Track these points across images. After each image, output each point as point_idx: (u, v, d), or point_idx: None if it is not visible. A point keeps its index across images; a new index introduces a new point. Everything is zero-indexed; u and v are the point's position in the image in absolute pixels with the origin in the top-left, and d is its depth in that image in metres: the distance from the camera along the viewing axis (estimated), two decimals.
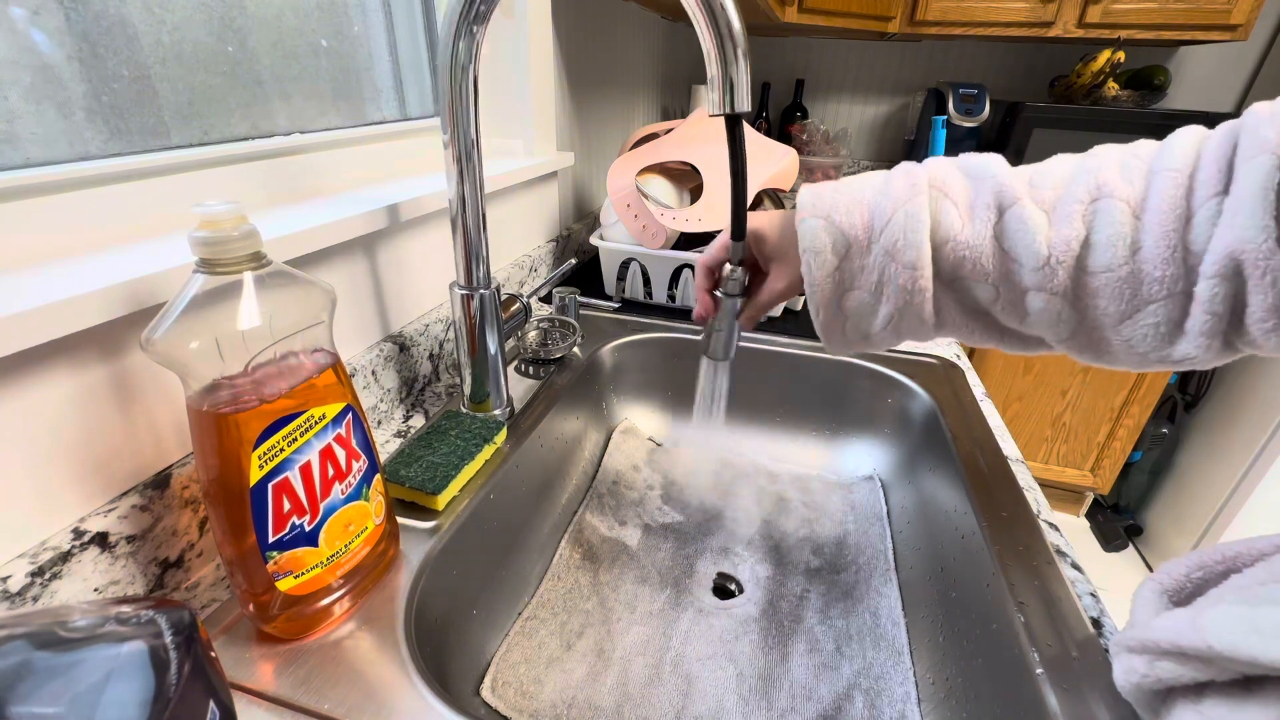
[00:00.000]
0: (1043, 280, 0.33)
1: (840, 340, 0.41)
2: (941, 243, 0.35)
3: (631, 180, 0.79)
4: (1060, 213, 0.33)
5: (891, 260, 0.35)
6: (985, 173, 0.35)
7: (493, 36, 0.78)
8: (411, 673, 0.35)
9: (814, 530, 0.63)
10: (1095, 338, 0.34)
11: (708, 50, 0.35)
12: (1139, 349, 0.33)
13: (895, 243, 0.35)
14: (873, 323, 0.38)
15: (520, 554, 0.56)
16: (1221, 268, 0.28)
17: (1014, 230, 0.33)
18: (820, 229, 0.37)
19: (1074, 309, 0.33)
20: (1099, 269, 0.31)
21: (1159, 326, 0.31)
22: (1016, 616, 0.40)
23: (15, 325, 0.29)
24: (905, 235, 0.35)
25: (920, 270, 0.35)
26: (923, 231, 0.35)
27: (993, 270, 0.34)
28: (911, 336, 0.39)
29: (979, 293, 0.35)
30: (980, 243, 0.34)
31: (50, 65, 0.39)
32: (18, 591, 0.31)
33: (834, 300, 0.38)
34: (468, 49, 0.43)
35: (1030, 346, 0.38)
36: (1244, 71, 1.70)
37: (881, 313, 0.38)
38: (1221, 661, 0.24)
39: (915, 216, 0.35)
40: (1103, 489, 1.81)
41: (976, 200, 0.35)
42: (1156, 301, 0.31)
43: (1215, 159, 0.29)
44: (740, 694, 0.47)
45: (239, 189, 0.50)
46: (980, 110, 1.59)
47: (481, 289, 0.52)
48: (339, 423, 0.35)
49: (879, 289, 0.37)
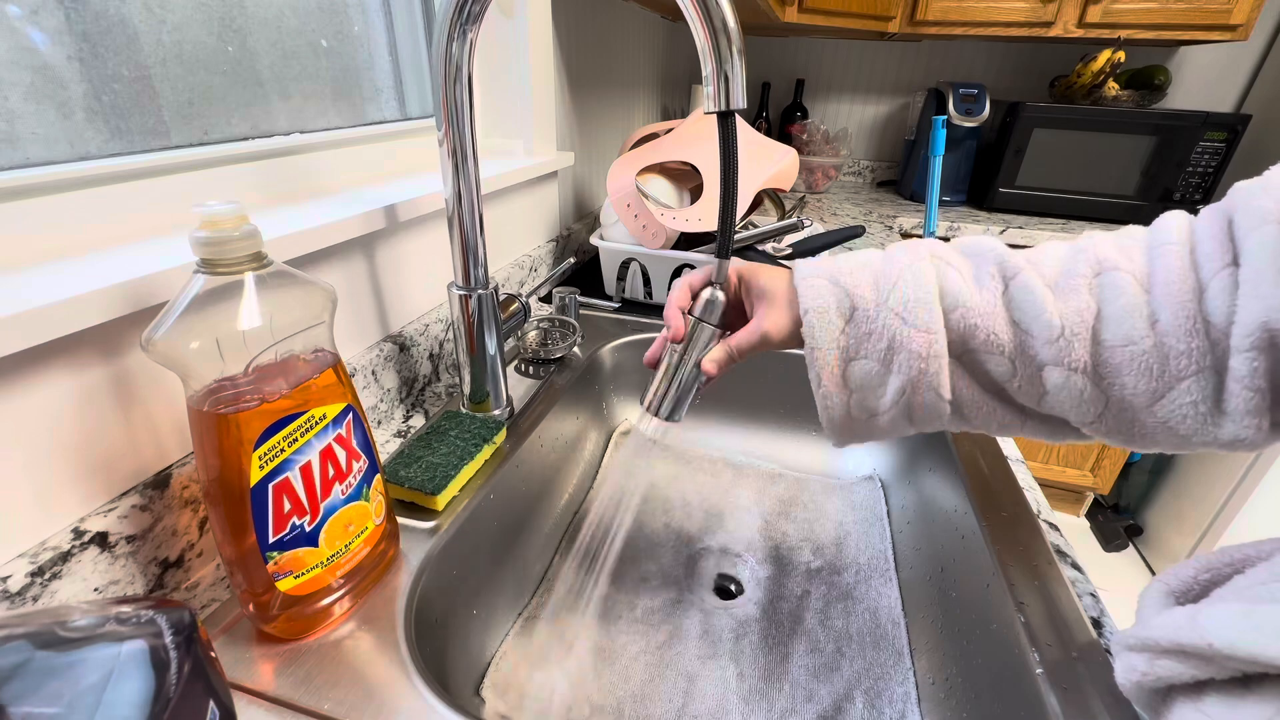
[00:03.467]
0: (1059, 354, 0.31)
1: (844, 420, 0.37)
2: (951, 308, 0.33)
3: (631, 180, 0.79)
4: (1064, 286, 0.32)
5: (903, 323, 0.33)
6: (983, 249, 0.34)
7: (493, 36, 0.78)
8: (411, 673, 0.35)
9: (814, 530, 0.63)
10: (1126, 419, 0.32)
11: (702, 46, 0.34)
12: (1180, 430, 0.30)
13: (905, 303, 0.33)
14: (881, 398, 0.35)
15: (520, 554, 0.56)
16: (1256, 340, 0.27)
17: (1022, 300, 0.32)
18: (824, 288, 0.35)
19: (1098, 388, 0.31)
20: (1118, 342, 0.30)
21: (1197, 406, 0.29)
22: (1016, 616, 0.40)
23: (15, 325, 0.29)
24: (917, 296, 0.33)
25: (934, 333, 0.33)
26: (932, 292, 0.33)
27: (1007, 342, 0.32)
28: (924, 420, 0.36)
29: (993, 367, 0.33)
30: (991, 310, 0.32)
31: (50, 65, 0.39)
32: (18, 591, 0.31)
33: (839, 370, 0.35)
34: (461, 48, 0.43)
35: (1057, 432, 0.35)
36: (1244, 71, 1.70)
37: (892, 386, 0.34)
38: (1221, 659, 0.24)
39: (922, 276, 0.33)
40: (1103, 489, 1.81)
41: (980, 271, 0.34)
42: (1188, 378, 0.29)
43: (1212, 235, 0.29)
44: (740, 694, 0.47)
45: (239, 189, 0.50)
46: (980, 110, 1.59)
47: (479, 289, 0.52)
48: (339, 423, 0.35)
49: (889, 357, 0.34)
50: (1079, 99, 1.59)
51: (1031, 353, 0.32)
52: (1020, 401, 0.34)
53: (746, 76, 0.36)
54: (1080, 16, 1.47)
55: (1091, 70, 1.52)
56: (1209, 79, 1.72)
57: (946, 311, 0.33)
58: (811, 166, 1.80)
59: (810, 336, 0.35)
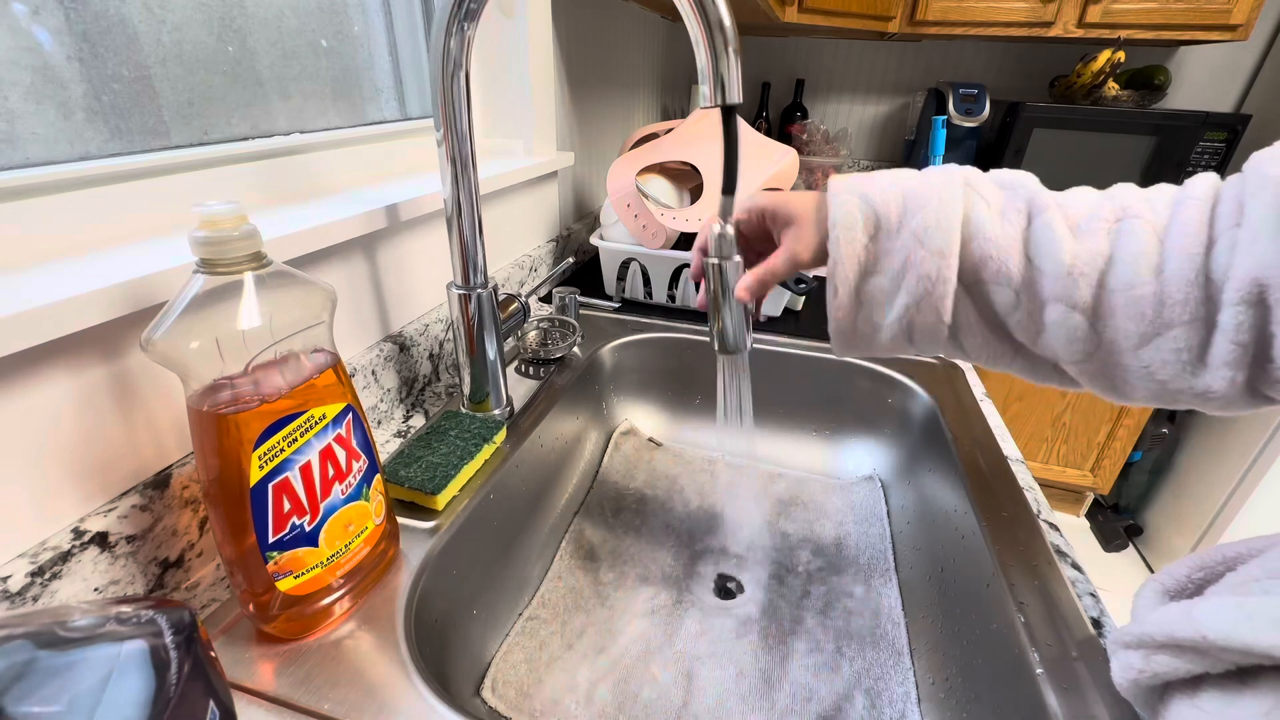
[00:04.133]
0: (1063, 291, 0.32)
1: (850, 332, 0.39)
2: (969, 238, 0.34)
3: (631, 180, 0.79)
4: (1085, 229, 0.33)
5: (920, 245, 0.34)
6: (1018, 184, 0.36)
7: (493, 36, 0.78)
8: (411, 673, 0.35)
9: (814, 530, 0.63)
10: (1111, 362, 0.33)
11: (697, 40, 0.35)
12: (1159, 375, 0.32)
13: (926, 228, 0.34)
14: (887, 313, 0.37)
15: (520, 554, 0.56)
16: (1246, 294, 0.28)
17: (1041, 238, 0.33)
18: (855, 205, 0.36)
19: (1093, 328, 0.33)
20: (1121, 286, 0.31)
21: (1181, 353, 0.30)
22: (1016, 616, 0.40)
23: (15, 325, 0.29)
24: (938, 221, 0.34)
25: (947, 259, 0.34)
26: (955, 220, 0.34)
27: (1016, 275, 0.34)
28: (923, 339, 0.37)
29: (998, 297, 0.35)
30: (1008, 244, 0.34)
31: (50, 65, 0.39)
32: (18, 591, 0.31)
33: (855, 284, 0.37)
34: (459, 46, 0.43)
35: (1040, 371, 0.37)
36: (1244, 71, 1.70)
37: (898, 303, 0.36)
38: (1216, 651, 0.24)
39: (950, 204, 0.34)
40: (1103, 489, 1.81)
41: (1008, 205, 0.35)
42: (1179, 326, 0.30)
43: (1233, 195, 0.30)
44: (741, 694, 0.47)
45: (239, 189, 0.50)
46: (980, 110, 1.59)
47: (479, 289, 0.52)
48: (339, 423, 0.35)
49: (901, 275, 0.35)
50: (1079, 99, 1.59)
51: (1038, 289, 0.33)
52: (1017, 336, 0.36)
53: (746, 76, 0.36)
54: (1080, 16, 1.47)
55: (1091, 70, 1.52)
56: (1209, 79, 1.72)
57: (965, 240, 0.34)
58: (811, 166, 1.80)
59: (835, 250, 0.36)
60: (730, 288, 0.42)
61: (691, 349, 0.78)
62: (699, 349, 0.78)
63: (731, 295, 0.42)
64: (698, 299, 0.45)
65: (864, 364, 0.72)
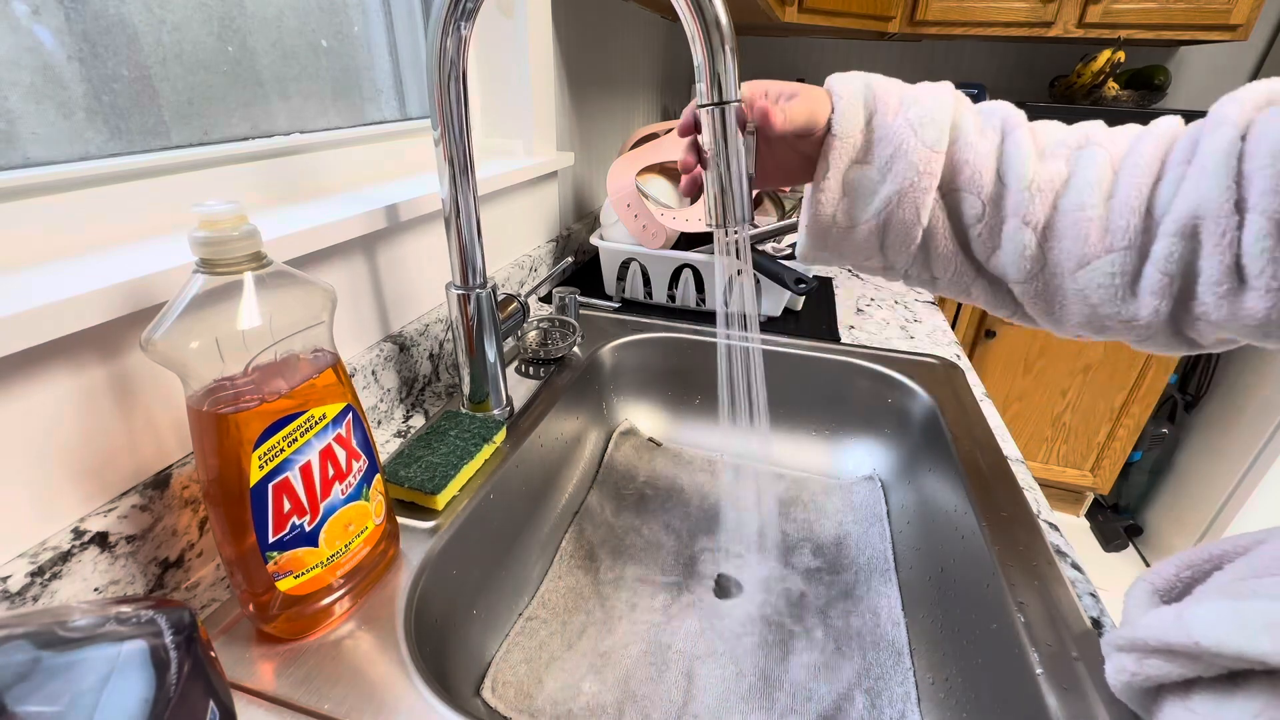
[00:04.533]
0: (1020, 204, 0.34)
1: (826, 225, 0.39)
2: (953, 141, 0.36)
3: (631, 180, 0.79)
4: (1049, 153, 0.35)
5: (913, 134, 0.35)
6: (995, 108, 0.38)
7: (493, 36, 0.78)
8: (411, 673, 0.35)
9: (814, 530, 0.63)
10: (1052, 285, 0.35)
11: (693, 37, 0.35)
12: (1092, 298, 0.34)
13: (921, 119, 0.35)
14: (869, 206, 0.37)
15: (520, 554, 0.56)
16: (1181, 226, 0.29)
17: (1010, 153, 0.35)
18: (858, 85, 0.37)
19: (1040, 247, 0.34)
20: (1071, 207, 0.33)
21: (1114, 277, 0.32)
22: (1016, 616, 0.40)
23: (15, 325, 0.29)
24: (933, 116, 0.35)
25: (937, 153, 0.35)
26: (948, 119, 0.36)
27: (988, 185, 0.35)
28: (895, 242, 0.38)
29: (968, 208, 0.36)
30: (985, 152, 0.35)
31: (50, 65, 0.39)
32: (18, 591, 0.31)
33: (844, 167, 0.37)
34: (456, 46, 0.43)
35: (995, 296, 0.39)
36: (1244, 71, 1.70)
37: (882, 193, 0.37)
38: (1208, 657, 0.24)
39: (944, 105, 0.36)
40: (1103, 489, 1.81)
41: (985, 122, 0.37)
42: (1115, 251, 0.32)
43: (1191, 135, 0.31)
44: (740, 694, 0.47)
45: (239, 189, 0.50)
46: None
47: (478, 289, 0.52)
48: (339, 423, 0.35)
49: (889, 163, 0.36)
50: (1079, 99, 1.59)
51: (1002, 203, 0.35)
52: (975, 252, 0.37)
53: (746, 77, 0.37)
54: (1080, 16, 1.47)
55: (1091, 70, 1.52)
56: (1209, 79, 1.72)
57: (950, 141, 0.36)
58: None
59: (838, 124, 0.37)
60: (733, 132, 0.37)
61: (692, 349, 0.78)
62: (699, 349, 0.78)
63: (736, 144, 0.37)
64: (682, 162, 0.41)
65: (864, 364, 0.72)
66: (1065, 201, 0.33)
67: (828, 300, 0.92)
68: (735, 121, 0.36)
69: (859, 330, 0.82)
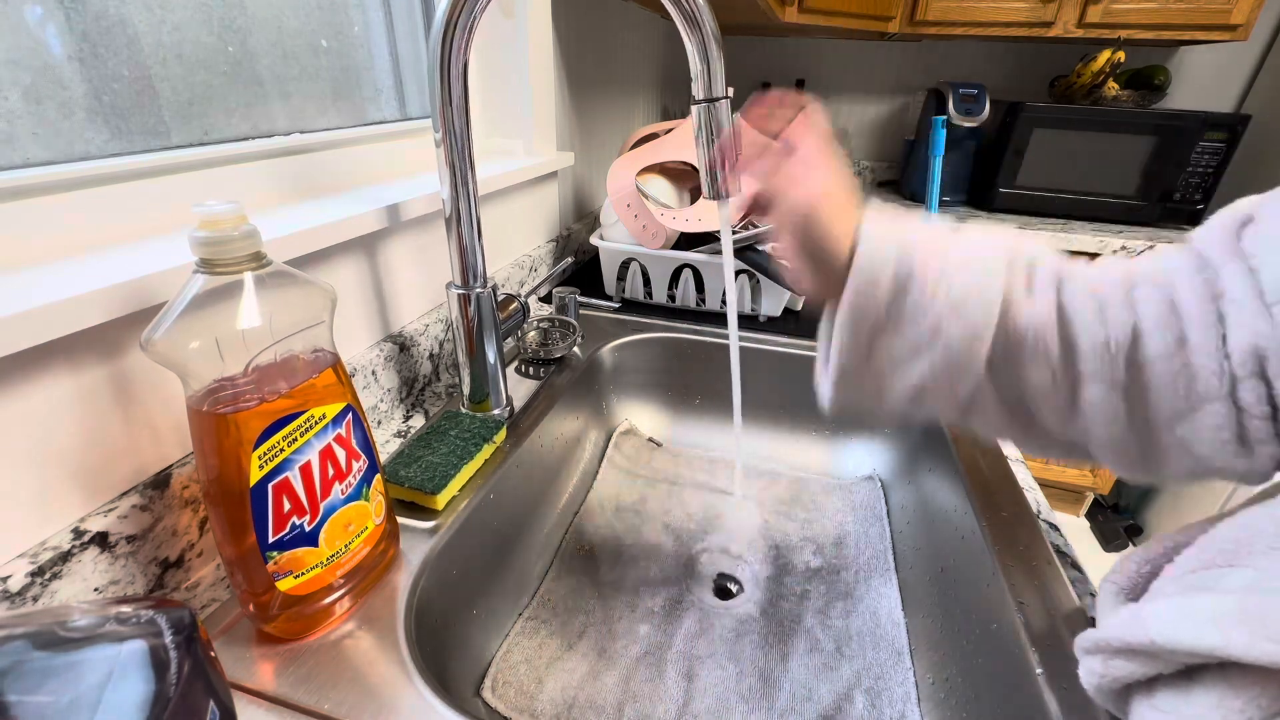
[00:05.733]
0: (1100, 368, 0.30)
1: (853, 391, 0.34)
2: (1005, 309, 0.31)
3: (631, 180, 0.79)
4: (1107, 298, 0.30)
5: (955, 315, 0.31)
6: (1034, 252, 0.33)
7: (493, 36, 0.78)
8: (411, 673, 0.35)
9: (814, 530, 0.63)
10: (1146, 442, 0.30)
11: (683, 32, 0.39)
12: (1197, 450, 0.29)
13: (966, 294, 0.30)
14: (899, 379, 0.33)
15: (520, 554, 0.56)
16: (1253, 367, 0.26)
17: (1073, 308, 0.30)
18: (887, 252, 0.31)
19: (1128, 404, 0.30)
20: (1153, 357, 0.29)
21: (1220, 430, 0.28)
22: (1016, 616, 0.40)
23: (15, 325, 0.29)
24: (980, 290, 0.30)
25: (982, 340, 0.31)
26: (997, 289, 0.30)
27: (1055, 351, 0.30)
28: (927, 411, 0.34)
29: (1033, 377, 0.31)
30: (1047, 316, 0.30)
31: (50, 65, 0.39)
32: (18, 591, 0.31)
33: (866, 342, 0.32)
34: (458, 48, 0.43)
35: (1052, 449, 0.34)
36: (1244, 71, 1.70)
37: (915, 370, 0.32)
38: (1164, 654, 0.25)
39: (993, 274, 0.31)
40: (1103, 489, 1.81)
41: (1036, 276, 0.31)
42: (1216, 400, 0.28)
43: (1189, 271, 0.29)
44: (741, 694, 0.47)
45: (239, 189, 0.50)
46: (980, 110, 1.59)
47: (478, 289, 0.52)
48: (339, 423, 0.35)
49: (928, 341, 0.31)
50: (1079, 99, 1.59)
51: (1075, 365, 0.30)
52: (1045, 419, 0.32)
53: (747, 76, 0.38)
54: (1080, 16, 1.47)
55: (1091, 70, 1.52)
56: (1209, 79, 1.72)
57: (1000, 313, 0.31)
58: None
59: (855, 297, 0.31)
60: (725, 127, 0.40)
61: (692, 349, 0.78)
62: (699, 349, 0.78)
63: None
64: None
65: None
66: (1146, 352, 0.29)
67: None
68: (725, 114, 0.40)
69: None
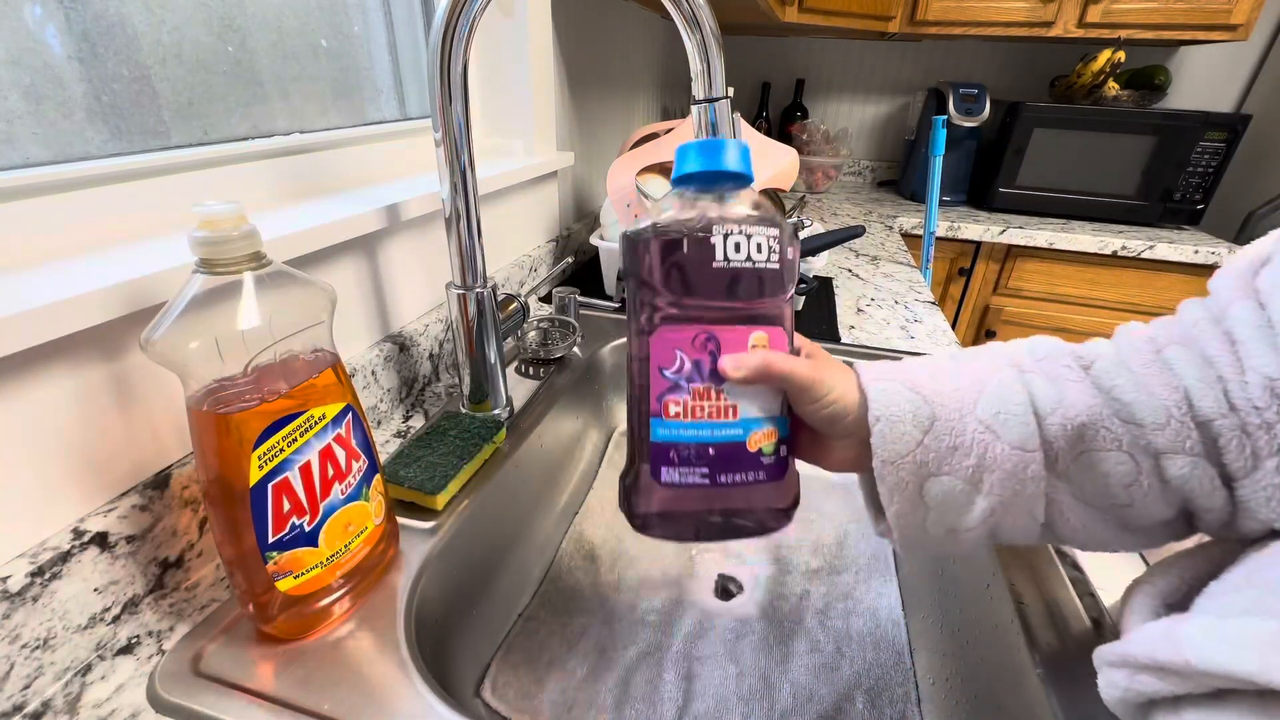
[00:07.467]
0: (1174, 439, 0.28)
1: (919, 536, 0.32)
2: (1048, 412, 0.29)
3: (631, 180, 0.79)
4: (1137, 365, 0.29)
5: (995, 438, 0.29)
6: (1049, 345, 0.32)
7: (493, 36, 0.78)
8: (411, 673, 0.35)
9: (814, 530, 0.63)
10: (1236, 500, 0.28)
11: (683, 32, 0.39)
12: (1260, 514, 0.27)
13: (997, 414, 0.29)
14: (965, 518, 0.30)
15: (521, 554, 0.56)
16: (1272, 404, 0.26)
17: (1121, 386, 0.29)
18: (897, 391, 0.30)
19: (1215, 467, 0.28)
20: (1213, 415, 0.27)
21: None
22: (1016, 616, 0.40)
23: (15, 325, 0.29)
24: (1005, 406, 0.29)
25: (1032, 452, 0.29)
26: (1025, 402, 0.29)
27: (1121, 432, 0.28)
28: (1010, 539, 0.32)
29: (1112, 468, 0.29)
30: (1094, 401, 0.29)
31: (50, 65, 0.39)
32: (17, 591, 0.31)
33: (914, 487, 0.30)
34: (457, 48, 0.43)
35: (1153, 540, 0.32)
36: (1244, 71, 1.70)
37: (979, 507, 0.30)
38: (1197, 676, 0.24)
39: (1008, 383, 0.30)
40: None
41: (1056, 367, 0.30)
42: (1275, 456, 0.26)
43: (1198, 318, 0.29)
44: (740, 694, 0.47)
45: (239, 189, 0.50)
46: (980, 110, 1.59)
47: (478, 289, 0.52)
48: (339, 423, 0.35)
49: (977, 476, 0.29)
50: (1079, 99, 1.59)
51: (1145, 441, 0.28)
52: (1139, 507, 0.30)
53: (747, 76, 0.38)
54: (1080, 16, 1.47)
55: (1091, 70, 1.52)
56: (1209, 79, 1.72)
57: (1042, 418, 0.29)
58: (811, 166, 1.80)
59: (881, 448, 0.30)
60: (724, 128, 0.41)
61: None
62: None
63: None
64: None
65: None
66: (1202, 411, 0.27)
67: (828, 300, 0.92)
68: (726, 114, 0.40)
69: (859, 330, 0.82)
